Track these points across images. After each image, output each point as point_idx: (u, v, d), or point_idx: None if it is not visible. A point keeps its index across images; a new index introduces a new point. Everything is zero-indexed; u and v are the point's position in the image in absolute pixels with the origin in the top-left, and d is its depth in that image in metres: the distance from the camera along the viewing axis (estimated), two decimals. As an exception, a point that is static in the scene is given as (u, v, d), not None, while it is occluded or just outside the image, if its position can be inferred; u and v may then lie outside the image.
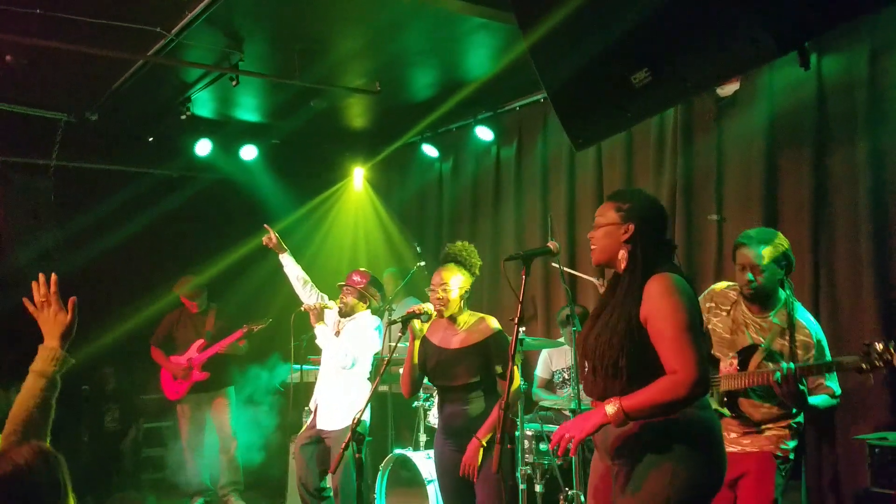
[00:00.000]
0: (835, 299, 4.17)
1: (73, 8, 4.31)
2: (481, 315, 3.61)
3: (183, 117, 6.00)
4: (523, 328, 4.68)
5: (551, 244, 2.75)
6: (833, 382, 3.16)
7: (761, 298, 3.20)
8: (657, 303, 2.37)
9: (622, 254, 2.53)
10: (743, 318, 3.25)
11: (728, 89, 4.66)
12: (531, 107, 6.02)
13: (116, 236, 6.61)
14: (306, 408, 4.94)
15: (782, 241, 3.21)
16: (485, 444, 3.28)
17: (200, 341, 6.06)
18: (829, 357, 3.15)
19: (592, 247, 2.60)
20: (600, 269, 4.83)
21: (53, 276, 2.19)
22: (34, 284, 2.18)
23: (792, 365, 2.96)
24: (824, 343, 3.17)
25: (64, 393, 2.19)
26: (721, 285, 3.42)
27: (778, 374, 2.94)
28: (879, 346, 2.84)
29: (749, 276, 3.15)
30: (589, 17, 2.01)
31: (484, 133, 6.37)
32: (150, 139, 6.79)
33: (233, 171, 7.25)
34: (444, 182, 7.14)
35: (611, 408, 2.33)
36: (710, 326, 3.35)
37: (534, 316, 5.93)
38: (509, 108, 6.18)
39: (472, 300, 3.74)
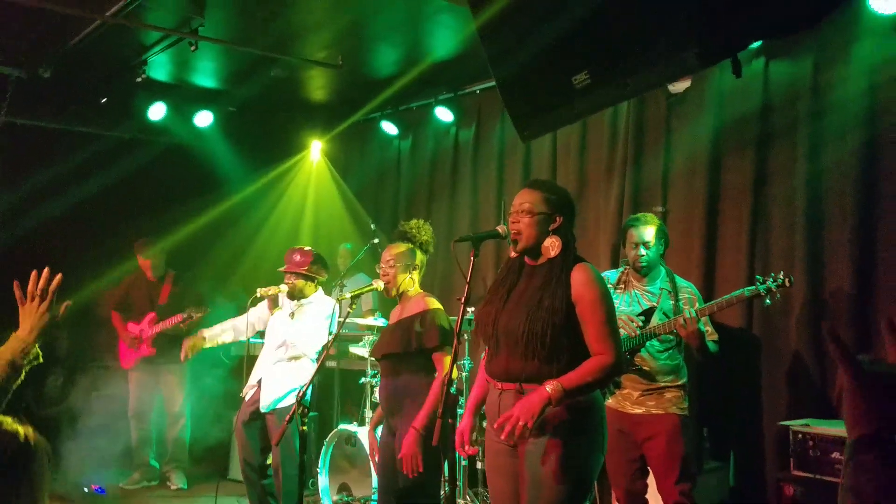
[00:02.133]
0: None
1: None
2: (423, 293, 3.65)
3: (139, 80, 5.90)
4: (472, 308, 4.78)
5: (500, 228, 2.83)
6: (711, 326, 3.73)
7: (648, 270, 3.78)
8: (586, 290, 2.60)
9: (551, 241, 2.70)
10: (635, 290, 3.81)
11: (679, 87, 4.79)
12: (491, 91, 6.07)
13: (67, 198, 6.45)
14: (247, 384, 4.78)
15: (660, 222, 3.86)
16: (423, 433, 3.32)
17: (151, 314, 5.97)
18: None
19: (519, 232, 2.71)
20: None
21: (58, 276, 2.14)
22: (33, 274, 2.13)
23: (694, 310, 3.53)
24: (700, 299, 3.78)
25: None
26: (610, 272, 3.98)
27: (684, 315, 3.51)
28: (774, 275, 3.48)
29: (642, 251, 3.72)
30: (537, 8, 2.09)
31: (444, 114, 6.41)
32: (104, 100, 6.63)
33: (187, 136, 7.11)
34: (403, 160, 7.17)
35: (550, 388, 2.46)
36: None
37: (483, 296, 6.03)
38: (469, 90, 6.22)
39: (428, 280, 3.80)
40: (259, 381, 4.58)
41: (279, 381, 4.49)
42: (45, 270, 2.15)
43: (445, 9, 4.78)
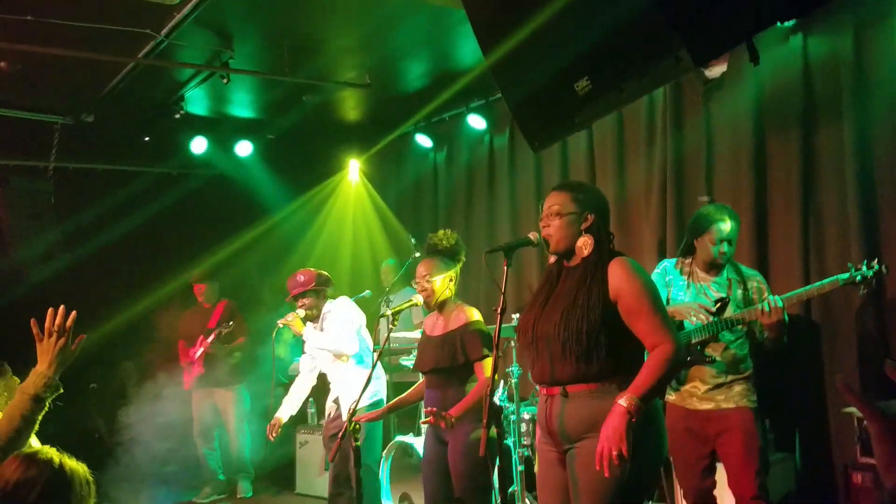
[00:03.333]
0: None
1: (64, 13, 4.38)
2: (462, 304, 3.66)
3: (177, 116, 6.08)
4: (515, 315, 4.76)
5: (532, 235, 2.80)
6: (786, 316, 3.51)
7: (720, 267, 3.63)
8: (627, 283, 2.53)
9: (584, 241, 2.64)
10: (700, 282, 3.66)
11: (715, 71, 4.70)
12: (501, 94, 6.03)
13: (115, 233, 6.73)
14: (322, 403, 4.93)
15: (736, 216, 3.66)
16: (453, 422, 3.32)
17: (202, 337, 6.24)
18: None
19: (550, 235, 2.68)
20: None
21: (73, 314, 2.24)
22: (50, 311, 2.23)
23: (778, 298, 3.36)
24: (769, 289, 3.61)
25: (70, 390, 2.27)
26: (671, 261, 3.80)
27: (766, 304, 3.34)
28: (861, 266, 3.31)
29: (725, 247, 3.56)
30: (542, 39, 2.13)
31: (476, 122, 6.41)
32: (147, 138, 6.86)
33: (229, 167, 7.33)
34: (439, 172, 7.19)
35: (625, 401, 2.36)
36: (669, 295, 3.72)
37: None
38: (500, 96, 6.19)
39: (469, 289, 3.80)
40: (336, 398, 4.65)
41: (349, 385, 4.52)
42: (61, 308, 2.25)
43: (467, 19, 4.78)
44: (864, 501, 3.48)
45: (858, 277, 3.29)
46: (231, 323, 6.11)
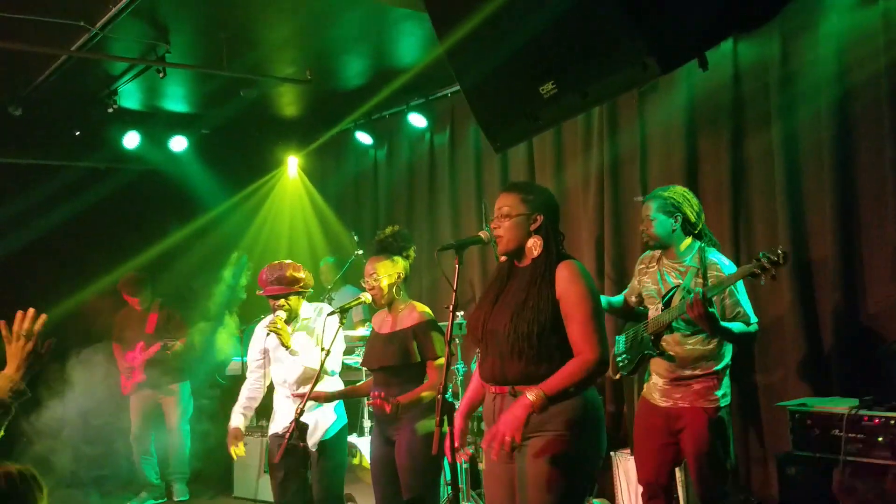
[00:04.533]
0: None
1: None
2: (412, 303, 3.66)
3: (110, 110, 5.90)
4: (461, 312, 4.81)
5: (482, 233, 2.84)
6: (747, 308, 3.43)
7: (664, 247, 3.57)
8: (570, 286, 2.59)
9: (533, 242, 2.69)
10: (664, 268, 3.59)
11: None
12: (463, 94, 6.07)
13: (42, 229, 6.53)
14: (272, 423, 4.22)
15: (672, 194, 3.54)
16: (399, 407, 3.30)
17: (141, 343, 6.11)
18: (740, 293, 3.42)
19: (500, 236, 2.73)
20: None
21: (43, 317, 2.17)
22: (19, 314, 2.16)
23: (699, 289, 3.25)
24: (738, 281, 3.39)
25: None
26: (649, 251, 3.75)
27: (690, 298, 3.21)
28: (770, 253, 3.14)
29: (648, 226, 3.53)
30: (500, 26, 2.14)
31: (417, 120, 6.43)
32: (77, 133, 6.65)
33: (162, 162, 7.15)
34: (380, 169, 7.18)
35: (532, 395, 2.46)
36: (641, 284, 3.69)
37: (472, 299, 6.07)
38: (441, 94, 6.24)
39: (412, 286, 3.80)
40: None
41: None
42: (31, 311, 2.18)
43: (407, 16, 4.80)
44: (798, 494, 3.58)
45: (756, 268, 3.15)
46: (176, 342, 6.04)
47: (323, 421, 3.91)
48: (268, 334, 3.90)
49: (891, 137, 3.76)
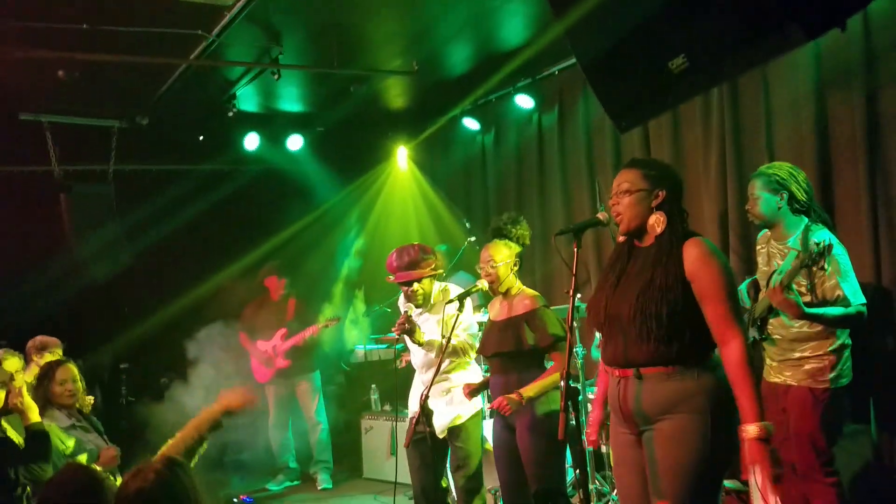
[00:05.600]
0: (893, 236, 4.09)
1: (116, 20, 4.46)
2: (525, 290, 3.63)
3: (230, 114, 6.16)
4: (579, 295, 4.72)
5: (601, 214, 2.77)
6: (848, 290, 3.23)
7: (771, 226, 3.50)
8: (703, 266, 2.48)
9: (656, 218, 2.59)
10: (772, 248, 3.53)
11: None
12: (570, 70, 5.93)
13: (171, 229, 6.95)
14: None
15: (777, 171, 3.44)
16: (524, 401, 3.33)
17: (283, 330, 6.35)
18: (843, 273, 3.24)
19: (620, 213, 2.64)
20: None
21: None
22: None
23: (779, 276, 3.15)
24: (841, 259, 3.25)
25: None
26: (764, 230, 3.66)
27: (774, 283, 3.13)
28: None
29: (749, 205, 3.50)
30: (622, 3, 2.04)
31: (524, 101, 6.34)
32: (201, 138, 7.00)
33: (281, 161, 7.44)
34: (488, 154, 7.15)
35: (754, 429, 2.36)
36: (758, 264, 3.64)
37: (587, 281, 5.94)
38: (548, 73, 6.12)
39: (526, 272, 3.77)
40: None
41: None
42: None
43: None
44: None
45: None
46: (338, 317, 6.33)
47: (455, 407, 3.89)
48: (399, 336, 3.79)
49: None
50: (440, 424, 3.85)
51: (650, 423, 2.52)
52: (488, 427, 4.76)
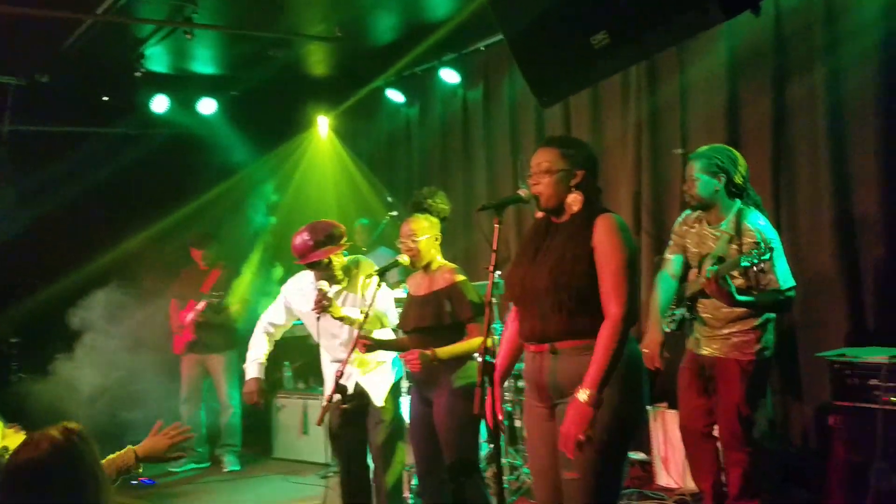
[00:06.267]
0: (795, 224, 4.27)
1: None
2: (446, 264, 3.60)
3: (138, 74, 5.86)
4: (498, 272, 4.73)
5: (522, 192, 2.76)
6: (780, 275, 3.34)
7: (706, 208, 3.50)
8: (605, 237, 2.53)
9: (573, 197, 2.63)
10: (704, 232, 3.55)
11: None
12: (496, 47, 5.92)
13: (73, 194, 6.54)
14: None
15: (717, 154, 3.46)
16: (435, 360, 3.31)
17: (193, 302, 6.03)
18: (776, 260, 3.32)
19: (540, 192, 2.65)
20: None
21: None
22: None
23: (713, 267, 3.27)
24: (774, 243, 3.31)
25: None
26: (690, 211, 3.67)
27: (707, 276, 3.24)
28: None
29: (690, 186, 3.49)
30: None
31: (449, 75, 6.29)
32: (105, 98, 6.65)
33: (192, 125, 7.13)
34: (412, 127, 7.08)
35: (584, 395, 2.40)
36: (686, 245, 3.65)
37: (507, 258, 5.97)
38: (474, 49, 6.08)
39: (447, 246, 3.74)
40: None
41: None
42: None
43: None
44: (837, 444, 3.53)
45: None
46: (221, 293, 5.91)
47: (383, 381, 3.86)
48: (318, 318, 3.65)
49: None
50: (378, 395, 3.81)
51: (564, 396, 2.56)
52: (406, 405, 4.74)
